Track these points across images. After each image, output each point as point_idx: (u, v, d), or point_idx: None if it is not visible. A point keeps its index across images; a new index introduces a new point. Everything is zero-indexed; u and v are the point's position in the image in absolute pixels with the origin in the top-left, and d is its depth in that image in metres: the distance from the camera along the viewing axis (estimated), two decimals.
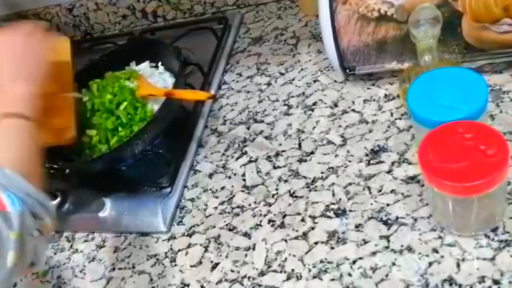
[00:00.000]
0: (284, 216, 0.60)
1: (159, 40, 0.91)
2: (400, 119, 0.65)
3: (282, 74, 0.79)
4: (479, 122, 0.48)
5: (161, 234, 0.66)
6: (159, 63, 0.80)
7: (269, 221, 0.61)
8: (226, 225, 0.63)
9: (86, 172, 0.74)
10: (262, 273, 0.57)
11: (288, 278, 0.55)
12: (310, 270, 0.55)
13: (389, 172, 0.59)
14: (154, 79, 0.77)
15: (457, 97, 0.51)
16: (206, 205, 0.66)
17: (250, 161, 0.69)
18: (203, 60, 0.85)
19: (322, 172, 0.63)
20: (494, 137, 0.45)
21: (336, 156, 0.64)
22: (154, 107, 0.72)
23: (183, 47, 0.86)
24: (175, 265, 0.62)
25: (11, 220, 0.43)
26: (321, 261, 0.55)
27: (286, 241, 0.58)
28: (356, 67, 0.68)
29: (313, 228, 0.58)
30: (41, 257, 0.49)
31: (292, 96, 0.75)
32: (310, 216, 0.59)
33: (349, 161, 0.63)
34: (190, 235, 0.64)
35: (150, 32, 1.00)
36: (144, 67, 0.80)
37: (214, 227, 0.63)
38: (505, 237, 0.49)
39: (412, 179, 0.58)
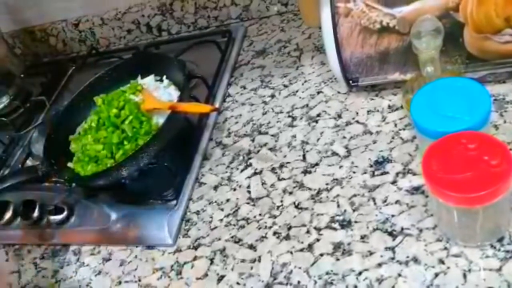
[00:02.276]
0: (289, 228, 0.61)
1: (163, 54, 0.92)
2: (404, 129, 0.65)
3: (285, 86, 0.80)
4: (482, 133, 0.48)
5: (167, 247, 0.66)
6: (164, 77, 0.80)
7: (274, 233, 0.61)
8: (232, 237, 0.63)
9: (92, 185, 0.74)
10: (268, 286, 0.56)
11: None
12: (316, 282, 0.54)
13: (393, 183, 0.60)
14: (159, 93, 0.77)
15: (460, 108, 0.51)
16: (211, 217, 0.66)
17: (255, 173, 0.69)
18: (207, 73, 0.86)
19: (326, 184, 0.63)
20: (497, 147, 0.45)
21: (340, 167, 0.64)
22: (159, 120, 0.73)
23: (187, 60, 0.87)
24: (181, 278, 0.62)
25: None
26: (327, 273, 0.55)
27: (291, 253, 0.58)
28: (359, 78, 0.68)
29: (318, 240, 0.58)
30: None
31: (296, 108, 0.75)
32: (315, 228, 0.59)
33: (354, 172, 0.63)
34: (195, 248, 0.64)
35: (154, 46, 1.01)
36: (149, 81, 0.81)
37: (219, 239, 0.63)
38: (511, 247, 0.49)
39: (416, 189, 0.58)
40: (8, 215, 0.78)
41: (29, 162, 0.88)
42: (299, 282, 0.55)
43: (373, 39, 0.64)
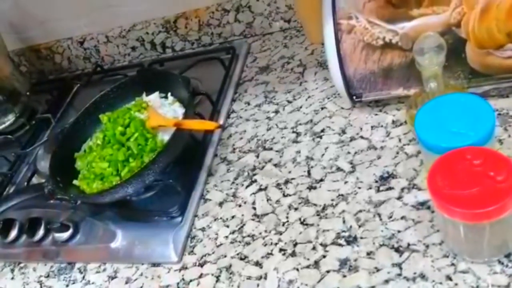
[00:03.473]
0: (295, 244, 0.60)
1: (168, 71, 0.93)
2: (408, 144, 0.65)
3: (289, 102, 0.80)
4: (487, 148, 0.48)
5: (173, 264, 0.66)
6: (169, 94, 0.81)
7: (280, 249, 0.61)
8: (237, 254, 0.63)
9: (98, 203, 0.74)
10: None
11: None
12: None
13: (399, 198, 0.59)
14: (164, 110, 0.78)
15: (464, 123, 0.51)
16: (216, 234, 0.66)
17: (260, 189, 0.69)
18: (211, 90, 0.86)
19: (332, 200, 0.63)
20: (503, 162, 0.45)
21: (345, 183, 0.64)
22: (164, 137, 0.73)
23: (191, 77, 0.88)
24: None
25: None
26: None
27: (297, 269, 0.58)
28: (363, 94, 0.69)
29: (324, 256, 0.58)
30: None
31: (300, 124, 0.76)
32: (321, 244, 0.59)
33: (359, 188, 0.63)
34: (201, 265, 0.64)
35: (159, 63, 1.02)
36: (154, 98, 0.82)
37: (225, 256, 0.63)
38: None
39: (422, 205, 0.58)
40: (13, 233, 0.78)
41: (34, 180, 0.88)
42: None
43: (376, 55, 0.65)
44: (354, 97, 0.69)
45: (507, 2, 0.56)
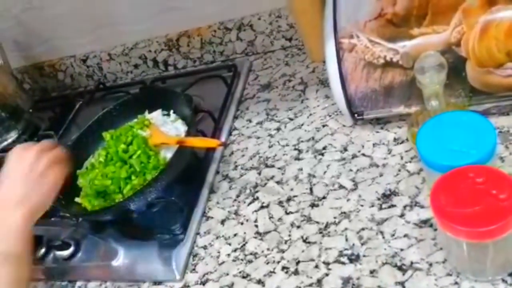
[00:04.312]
0: (298, 262, 0.60)
1: (170, 89, 0.93)
2: (410, 162, 0.65)
3: (291, 119, 0.81)
4: (489, 167, 0.48)
5: (175, 282, 0.65)
6: (171, 111, 0.82)
7: (283, 268, 0.61)
8: (240, 272, 0.63)
9: (99, 220, 0.74)
10: None
11: None
12: None
13: (401, 216, 0.59)
14: (167, 127, 0.78)
15: (466, 141, 0.51)
16: (219, 252, 0.66)
17: (262, 207, 0.69)
18: (213, 107, 0.87)
19: (334, 217, 0.63)
20: (505, 181, 0.46)
21: (348, 200, 0.64)
22: (166, 155, 0.73)
23: (194, 94, 0.88)
24: None
25: None
26: None
27: None
28: (364, 112, 0.69)
29: (327, 275, 0.58)
30: None
31: (302, 141, 0.76)
32: (323, 262, 0.59)
33: (361, 206, 0.63)
34: (203, 283, 0.64)
35: (161, 80, 1.03)
36: (157, 115, 0.82)
37: (227, 274, 0.63)
38: None
39: (425, 222, 0.58)
40: None
41: None
42: None
43: (377, 73, 0.65)
44: (356, 115, 0.70)
45: (506, 22, 0.57)
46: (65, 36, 1.10)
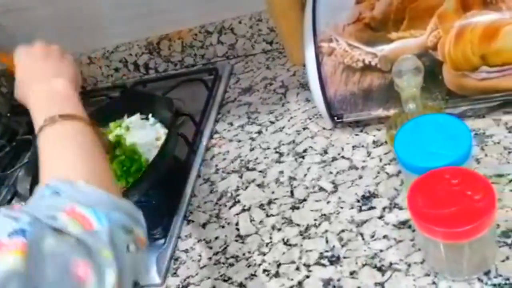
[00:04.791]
0: (279, 265, 0.61)
1: (151, 92, 0.93)
2: (389, 164, 0.66)
3: (272, 122, 0.81)
4: (465, 168, 0.49)
5: (156, 286, 0.65)
6: (150, 115, 0.81)
7: (264, 270, 0.61)
8: (221, 275, 0.63)
9: None
10: None
11: None
12: None
13: (380, 217, 0.60)
14: (146, 130, 0.78)
15: (442, 143, 0.52)
16: (200, 255, 0.66)
17: (243, 210, 0.69)
18: (194, 110, 0.87)
19: (315, 219, 0.63)
20: (479, 182, 0.47)
21: (328, 202, 0.65)
22: (149, 158, 0.73)
23: (175, 98, 0.88)
24: None
25: (102, 239, 0.39)
26: None
27: None
28: (344, 114, 0.70)
29: (308, 277, 0.58)
30: (140, 273, 0.44)
31: (283, 144, 0.76)
32: (304, 265, 0.59)
33: (341, 208, 0.63)
34: (185, 287, 0.63)
35: (142, 84, 1.02)
36: (135, 119, 0.82)
37: (208, 278, 0.63)
38: (498, 281, 0.50)
39: (403, 224, 0.58)
40: None
41: (15, 202, 0.87)
42: None
43: (356, 77, 0.66)
44: (335, 118, 0.71)
45: (480, 27, 0.59)
46: (44, 39, 1.08)
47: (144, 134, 0.77)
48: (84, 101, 1.00)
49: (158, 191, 0.74)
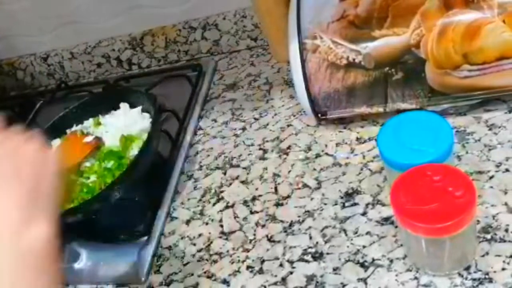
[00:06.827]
0: (263, 261, 0.61)
1: (134, 88, 0.92)
2: (372, 161, 0.66)
3: (256, 119, 0.81)
4: (446, 165, 0.50)
5: (139, 284, 0.65)
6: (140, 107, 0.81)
7: (248, 267, 0.61)
8: (204, 272, 0.62)
9: (61, 222, 0.72)
10: None
11: None
12: None
13: (363, 214, 0.61)
14: (134, 118, 0.77)
15: (424, 140, 0.53)
16: (183, 252, 0.66)
17: (227, 207, 0.69)
18: (178, 107, 0.86)
19: (298, 216, 0.64)
20: (461, 178, 0.47)
21: (311, 199, 0.65)
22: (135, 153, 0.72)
23: (158, 94, 0.87)
24: None
25: None
26: None
27: (265, 287, 0.58)
28: (328, 112, 0.70)
29: (291, 273, 0.58)
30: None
31: (267, 141, 0.76)
32: (288, 261, 0.59)
33: (325, 204, 0.64)
34: (168, 284, 0.63)
35: (125, 79, 1.01)
36: (123, 109, 0.80)
37: (192, 275, 0.63)
38: (477, 276, 0.51)
39: (386, 220, 0.59)
40: None
41: None
42: None
43: (340, 74, 0.66)
44: (319, 115, 0.71)
45: (462, 25, 0.59)
46: (24, 33, 1.07)
47: (130, 122, 0.77)
48: (66, 96, 1.00)
49: (141, 188, 0.73)
